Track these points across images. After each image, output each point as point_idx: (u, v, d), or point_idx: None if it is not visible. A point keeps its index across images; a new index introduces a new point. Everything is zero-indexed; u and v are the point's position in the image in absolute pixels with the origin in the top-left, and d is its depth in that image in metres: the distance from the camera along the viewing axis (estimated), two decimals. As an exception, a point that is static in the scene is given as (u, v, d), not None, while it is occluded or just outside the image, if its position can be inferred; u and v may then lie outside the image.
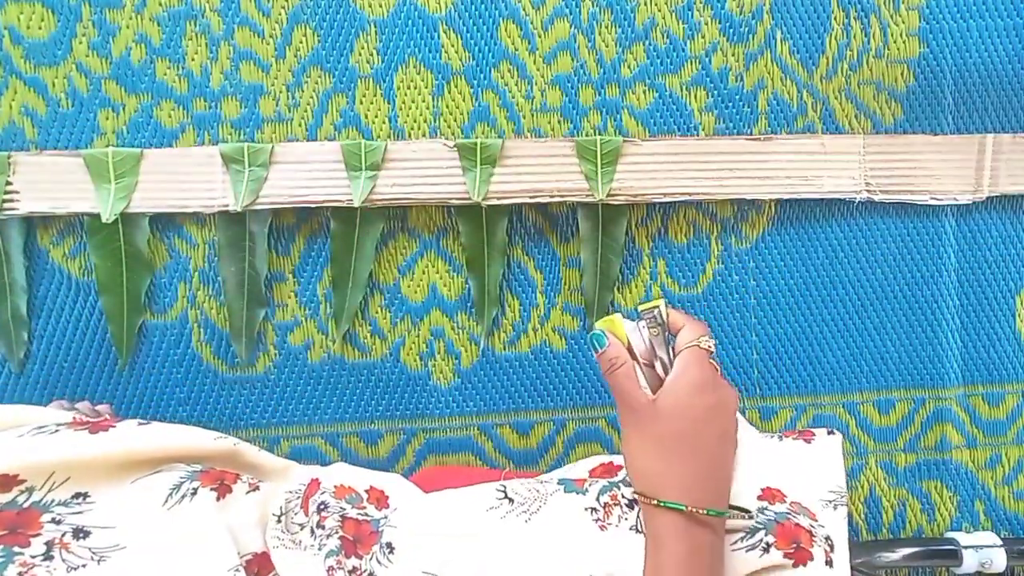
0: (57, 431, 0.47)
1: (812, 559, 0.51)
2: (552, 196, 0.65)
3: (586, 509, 0.52)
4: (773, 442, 0.61)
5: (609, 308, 0.69)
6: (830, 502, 0.56)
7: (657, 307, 0.47)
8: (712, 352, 0.46)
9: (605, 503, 0.53)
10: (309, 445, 0.69)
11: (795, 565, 0.50)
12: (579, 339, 0.70)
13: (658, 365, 0.47)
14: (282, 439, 0.69)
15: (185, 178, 0.65)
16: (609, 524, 0.51)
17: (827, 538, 0.53)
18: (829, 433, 0.64)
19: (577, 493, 0.54)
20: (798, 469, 0.58)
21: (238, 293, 0.66)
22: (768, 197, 0.67)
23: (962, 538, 0.65)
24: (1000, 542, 0.64)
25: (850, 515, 0.71)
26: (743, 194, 0.66)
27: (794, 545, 0.51)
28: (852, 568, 0.58)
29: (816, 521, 0.54)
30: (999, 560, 0.63)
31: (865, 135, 0.67)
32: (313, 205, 0.65)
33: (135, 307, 0.66)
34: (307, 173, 0.65)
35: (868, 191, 0.66)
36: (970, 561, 0.63)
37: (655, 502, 0.43)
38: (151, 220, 0.65)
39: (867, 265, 0.70)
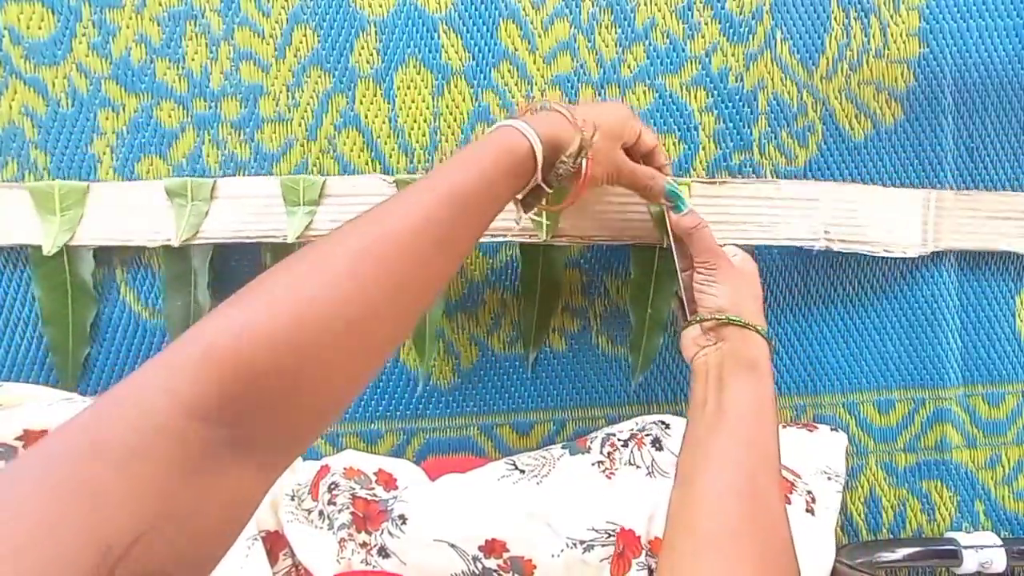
0: (87, 401, 0.50)
1: (789, 503, 0.52)
2: (495, 236, 0.63)
3: (593, 464, 0.54)
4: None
5: (546, 340, 0.69)
6: (823, 472, 0.58)
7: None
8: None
9: (608, 452, 0.54)
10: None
11: None
12: (579, 339, 0.70)
13: None
14: (282, 439, 0.69)
15: (131, 212, 0.64)
16: (615, 471, 0.53)
17: (809, 491, 0.55)
18: (832, 430, 0.65)
19: (582, 453, 0.56)
20: (796, 447, 0.60)
21: (183, 327, 0.65)
22: (721, 243, 0.65)
23: (962, 538, 0.65)
24: (1000, 542, 0.65)
25: (850, 515, 0.71)
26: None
27: None
28: (852, 567, 0.58)
29: (800, 478, 0.56)
30: (999, 560, 0.63)
31: (824, 182, 0.66)
32: (249, 241, 0.64)
33: (81, 339, 0.65)
34: (247, 208, 0.64)
35: (827, 239, 0.66)
36: (970, 561, 0.63)
37: (759, 328, 0.53)
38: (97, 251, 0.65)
39: (867, 265, 0.70)
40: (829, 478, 0.57)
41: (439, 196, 0.40)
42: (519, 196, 0.50)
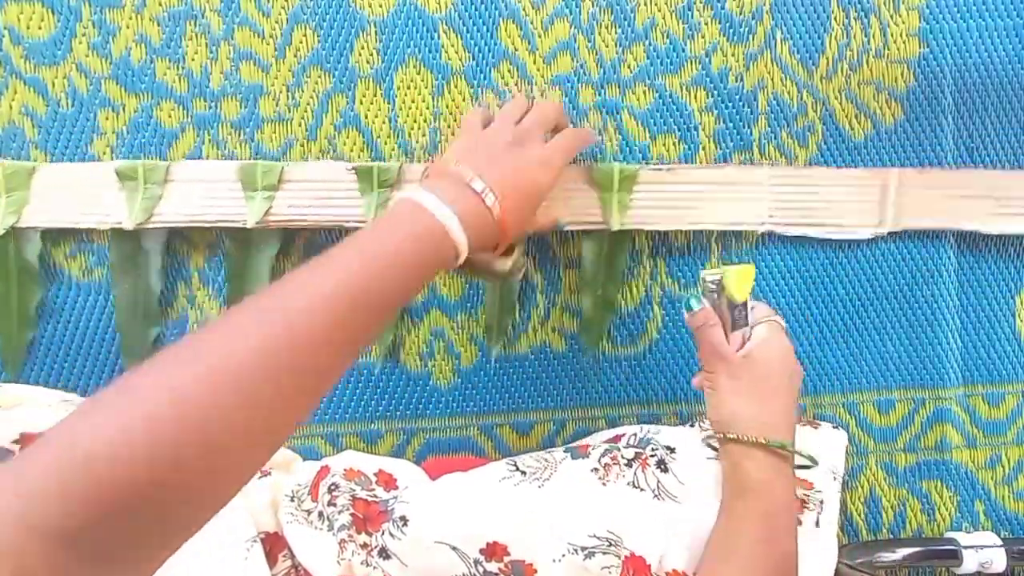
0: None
1: (800, 524, 0.52)
2: None
3: (592, 470, 0.54)
4: None
5: (509, 330, 0.69)
6: (831, 472, 0.57)
7: (722, 274, 0.55)
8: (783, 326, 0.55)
9: (605, 463, 0.54)
10: (309, 445, 0.69)
11: None
12: (579, 339, 0.70)
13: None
14: (282, 439, 0.69)
15: (79, 194, 0.64)
16: (608, 480, 0.53)
17: (820, 502, 0.54)
18: (834, 428, 0.65)
19: (583, 458, 0.55)
20: (803, 447, 0.59)
21: (131, 312, 0.65)
22: (667, 228, 0.67)
23: (962, 538, 0.65)
24: (1000, 542, 0.65)
25: (850, 515, 0.71)
26: (641, 224, 0.66)
27: None
28: (852, 567, 0.59)
29: (812, 488, 0.56)
30: (999, 560, 0.63)
31: (771, 166, 0.68)
32: (207, 225, 0.64)
33: (24, 322, 0.65)
34: (204, 192, 0.64)
35: (772, 223, 0.67)
36: (970, 561, 0.63)
37: (763, 440, 0.48)
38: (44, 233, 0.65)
39: (867, 265, 0.70)
40: (835, 478, 0.57)
41: (347, 294, 0.36)
42: None
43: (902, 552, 0.65)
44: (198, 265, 0.67)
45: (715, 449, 0.54)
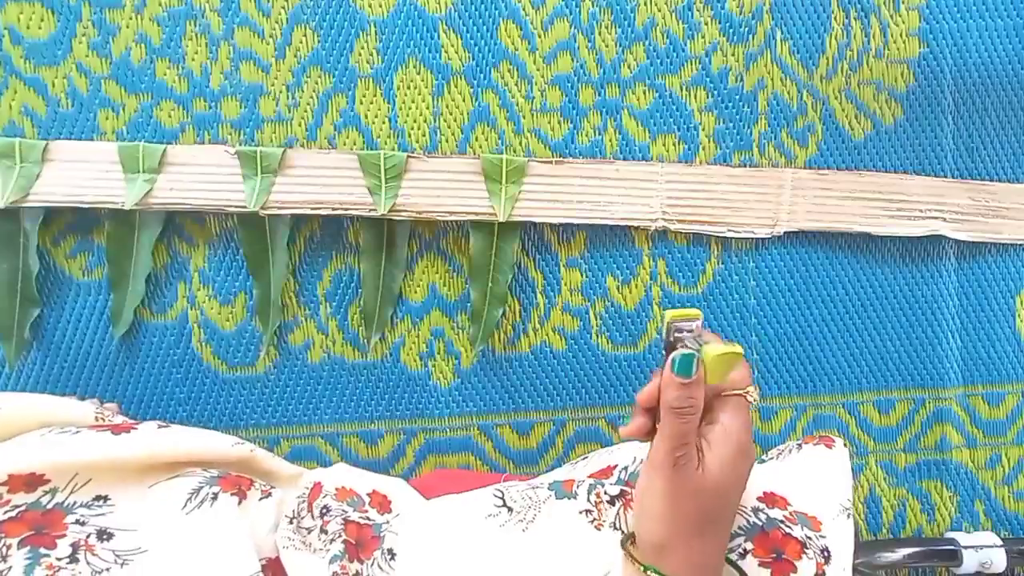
0: (79, 432, 0.47)
1: (795, 571, 0.48)
2: (335, 208, 0.65)
3: (580, 512, 0.52)
4: (790, 458, 0.58)
5: (391, 321, 0.68)
6: (844, 509, 0.54)
7: (696, 321, 0.40)
8: (754, 404, 0.42)
9: (594, 502, 0.52)
10: (309, 445, 0.69)
11: None
12: (579, 339, 0.70)
13: None
14: (282, 439, 0.69)
15: None
16: (603, 522, 0.51)
17: (824, 549, 0.51)
18: (838, 436, 0.62)
19: (568, 498, 0.53)
20: (811, 476, 0.56)
21: (10, 292, 0.65)
22: (556, 221, 0.67)
23: (962, 538, 0.65)
24: (1000, 542, 0.64)
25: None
26: (530, 216, 0.66)
27: (773, 555, 0.49)
28: (852, 569, 0.57)
29: (818, 532, 0.52)
30: (999, 560, 0.63)
31: (663, 164, 0.68)
32: (85, 206, 0.64)
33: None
34: (83, 173, 0.64)
35: (664, 220, 0.67)
36: (970, 561, 0.63)
37: None
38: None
39: (867, 265, 0.70)
40: (848, 515, 0.54)
41: None
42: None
43: (902, 552, 0.64)
44: (198, 265, 0.67)
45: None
